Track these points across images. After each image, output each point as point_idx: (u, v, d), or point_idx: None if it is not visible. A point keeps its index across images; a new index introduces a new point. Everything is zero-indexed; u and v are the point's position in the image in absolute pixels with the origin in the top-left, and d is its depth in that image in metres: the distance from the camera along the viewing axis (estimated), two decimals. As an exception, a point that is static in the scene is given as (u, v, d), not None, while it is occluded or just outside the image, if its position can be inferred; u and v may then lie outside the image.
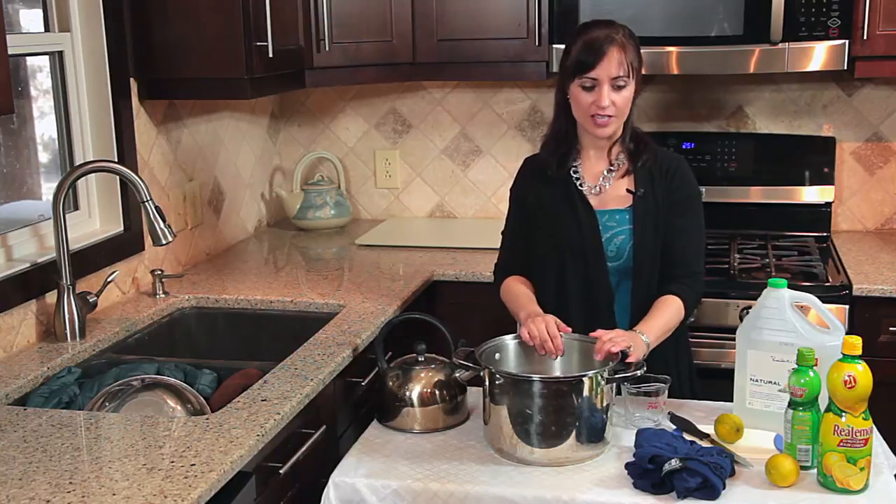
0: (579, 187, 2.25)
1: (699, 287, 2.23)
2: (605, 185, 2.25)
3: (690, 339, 2.41)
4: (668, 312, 2.14)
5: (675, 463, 1.77)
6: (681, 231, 2.22)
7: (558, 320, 2.08)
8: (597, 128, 2.18)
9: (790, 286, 2.01)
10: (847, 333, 1.83)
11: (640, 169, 2.23)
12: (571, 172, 2.26)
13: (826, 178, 3.26)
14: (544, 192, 2.28)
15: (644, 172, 2.23)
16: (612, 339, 1.97)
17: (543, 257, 2.28)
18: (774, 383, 1.99)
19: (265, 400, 1.95)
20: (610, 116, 2.15)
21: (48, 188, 2.64)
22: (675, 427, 2.01)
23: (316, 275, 2.96)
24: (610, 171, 2.25)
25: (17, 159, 2.62)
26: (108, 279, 2.47)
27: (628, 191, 2.23)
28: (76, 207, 2.64)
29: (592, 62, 2.12)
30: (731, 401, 2.07)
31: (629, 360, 1.96)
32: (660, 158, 2.25)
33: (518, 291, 2.27)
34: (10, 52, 1.91)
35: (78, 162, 2.60)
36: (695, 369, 2.37)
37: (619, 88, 2.14)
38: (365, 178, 3.71)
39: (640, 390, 2.04)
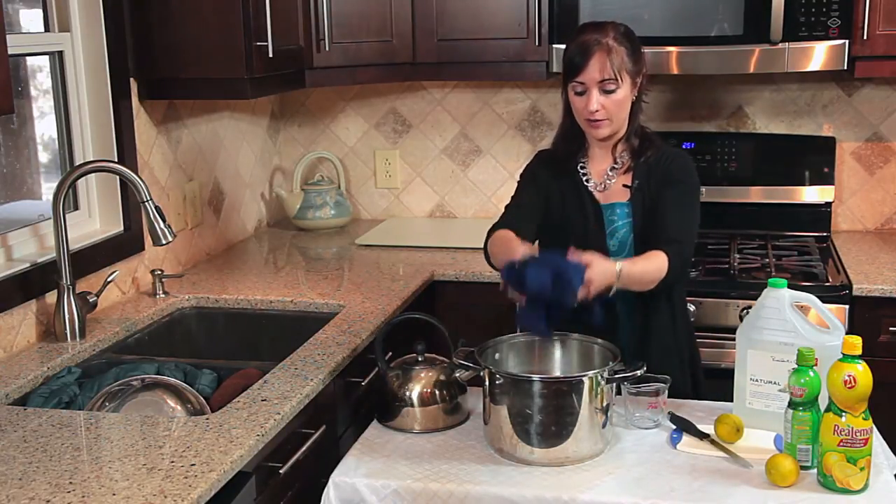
0: (586, 183, 2.27)
1: (681, 257, 2.13)
2: (609, 182, 2.27)
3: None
4: (648, 259, 2.09)
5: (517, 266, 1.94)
6: (667, 205, 2.19)
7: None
8: (592, 129, 2.21)
9: (790, 286, 2.01)
10: (847, 333, 1.83)
11: (640, 164, 2.24)
12: (579, 169, 2.29)
13: (826, 178, 3.26)
14: (554, 184, 2.30)
15: (644, 166, 2.24)
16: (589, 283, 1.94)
17: (550, 248, 2.27)
18: (774, 383, 1.99)
19: (265, 400, 1.95)
20: (601, 120, 2.17)
21: (48, 188, 2.64)
22: (674, 427, 2.01)
23: (316, 275, 2.96)
24: (613, 168, 2.27)
25: (17, 159, 2.62)
26: (108, 279, 2.47)
27: (625, 186, 2.24)
28: (76, 207, 2.64)
29: (577, 68, 2.15)
30: (732, 401, 2.07)
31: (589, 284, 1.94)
32: (662, 153, 2.26)
33: (505, 242, 2.17)
34: (10, 52, 1.91)
35: (78, 162, 2.60)
36: (701, 369, 2.37)
37: (607, 92, 2.15)
38: (365, 178, 3.71)
39: (640, 390, 2.04)
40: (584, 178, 2.28)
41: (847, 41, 2.86)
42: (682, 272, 2.19)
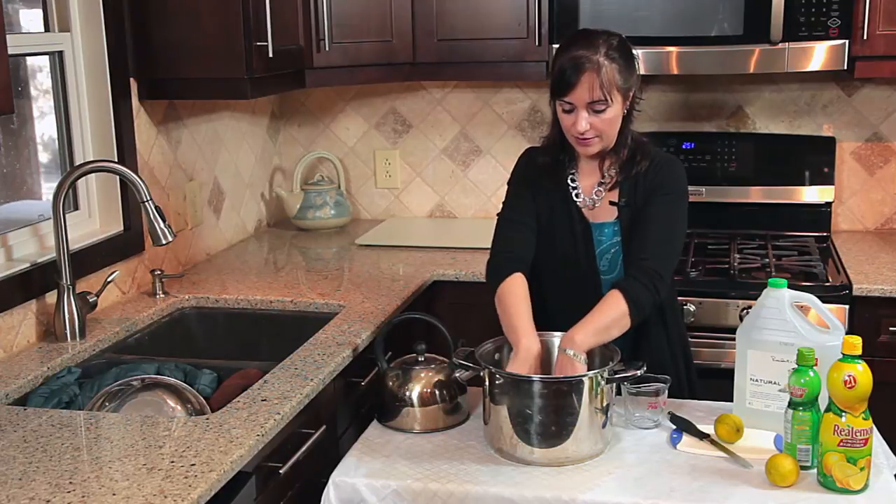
0: (575, 199, 2.22)
1: (645, 277, 2.05)
2: (597, 199, 2.21)
3: (690, 339, 2.41)
4: (602, 310, 2.02)
5: None
6: (651, 217, 2.13)
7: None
8: (580, 147, 2.14)
9: (790, 286, 2.01)
10: (847, 333, 1.83)
11: (628, 178, 2.18)
12: (569, 182, 2.23)
13: (826, 178, 3.26)
14: (544, 197, 2.24)
15: (631, 180, 2.18)
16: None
17: (538, 263, 2.26)
18: (774, 383, 1.99)
19: (265, 400, 1.95)
20: (590, 138, 2.09)
21: (48, 188, 2.64)
22: (674, 427, 2.01)
23: (316, 275, 2.96)
24: (601, 183, 2.20)
25: (17, 159, 2.62)
26: (108, 279, 2.46)
27: (611, 203, 2.19)
28: (76, 207, 2.64)
29: (566, 87, 2.05)
30: (731, 401, 2.07)
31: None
32: (651, 161, 2.17)
33: (516, 310, 2.08)
34: (10, 52, 1.91)
35: (78, 162, 2.60)
36: (694, 370, 2.37)
37: (597, 112, 2.06)
38: (365, 178, 3.71)
39: (640, 390, 2.04)
40: (574, 194, 2.21)
41: (847, 41, 2.86)
42: (646, 292, 2.06)
